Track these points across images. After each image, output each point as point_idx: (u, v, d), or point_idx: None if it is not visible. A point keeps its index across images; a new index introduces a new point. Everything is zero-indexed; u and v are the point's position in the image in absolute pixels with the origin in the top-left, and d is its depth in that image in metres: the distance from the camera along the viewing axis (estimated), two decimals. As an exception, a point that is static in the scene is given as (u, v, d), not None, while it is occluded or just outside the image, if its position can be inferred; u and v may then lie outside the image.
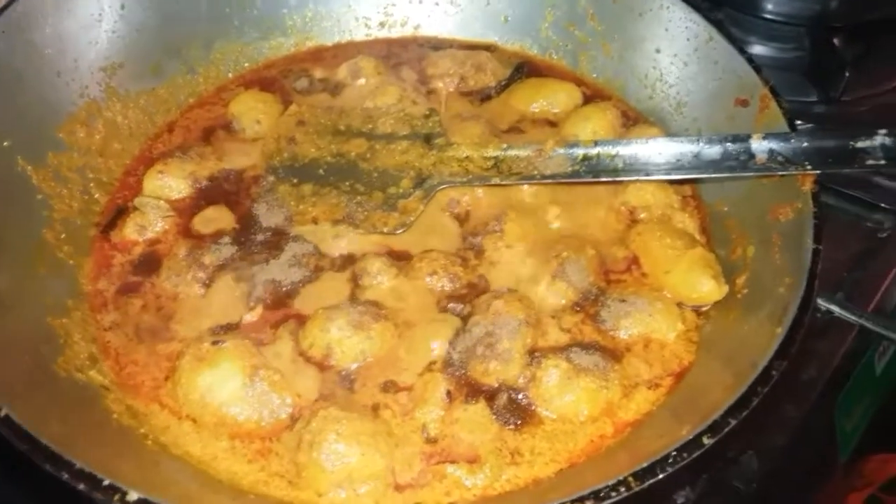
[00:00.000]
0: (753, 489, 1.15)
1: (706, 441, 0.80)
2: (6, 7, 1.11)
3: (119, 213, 1.17)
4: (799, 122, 1.14)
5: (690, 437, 0.80)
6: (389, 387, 1.00)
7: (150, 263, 1.12)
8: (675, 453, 0.79)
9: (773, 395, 0.86)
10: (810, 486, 1.37)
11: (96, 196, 1.18)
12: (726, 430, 0.82)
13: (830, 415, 1.33)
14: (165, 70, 1.34)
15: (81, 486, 0.70)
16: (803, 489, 1.34)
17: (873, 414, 1.46)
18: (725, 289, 1.10)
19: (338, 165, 1.24)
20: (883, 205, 1.47)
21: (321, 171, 1.23)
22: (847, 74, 1.59)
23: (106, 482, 0.70)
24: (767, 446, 1.19)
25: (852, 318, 1.23)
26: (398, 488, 0.91)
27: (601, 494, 0.75)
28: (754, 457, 1.18)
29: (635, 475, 0.77)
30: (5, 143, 1.06)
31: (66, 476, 0.70)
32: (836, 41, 1.64)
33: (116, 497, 0.70)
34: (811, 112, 1.63)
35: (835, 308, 1.23)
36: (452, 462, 0.93)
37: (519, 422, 0.98)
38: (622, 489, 0.76)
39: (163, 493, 0.73)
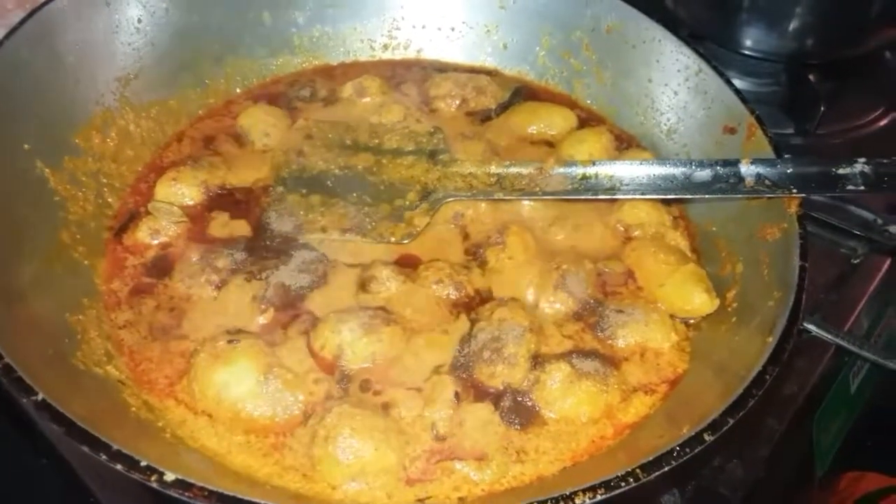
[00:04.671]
0: (739, 496, 1.20)
1: (707, 438, 0.85)
2: (30, 16, 1.14)
3: (131, 218, 1.19)
4: (778, 153, 1.21)
5: (692, 433, 0.85)
6: (399, 387, 1.03)
7: (162, 266, 1.14)
8: (678, 448, 0.83)
9: (756, 408, 0.90)
10: (791, 496, 1.42)
11: (109, 200, 1.21)
12: (725, 428, 0.86)
13: (809, 429, 1.39)
14: (177, 82, 1.37)
15: (119, 467, 0.72)
16: (784, 499, 1.39)
17: (848, 431, 1.52)
18: (717, 302, 1.15)
19: (345, 178, 1.28)
20: (857, 232, 1.51)
21: (329, 183, 1.26)
22: (822, 109, 1.64)
23: (143, 463, 0.72)
24: (752, 456, 1.24)
25: (829, 337, 1.28)
26: (409, 482, 0.94)
27: (612, 484, 0.79)
28: (740, 465, 1.23)
29: (643, 467, 0.81)
30: (26, 146, 1.08)
31: (104, 457, 0.72)
32: (811, 77, 1.70)
33: (154, 477, 0.72)
34: (788, 144, 1.68)
35: (812, 328, 1.28)
36: (461, 459, 0.96)
37: (524, 422, 1.01)
38: (631, 480, 0.80)
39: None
